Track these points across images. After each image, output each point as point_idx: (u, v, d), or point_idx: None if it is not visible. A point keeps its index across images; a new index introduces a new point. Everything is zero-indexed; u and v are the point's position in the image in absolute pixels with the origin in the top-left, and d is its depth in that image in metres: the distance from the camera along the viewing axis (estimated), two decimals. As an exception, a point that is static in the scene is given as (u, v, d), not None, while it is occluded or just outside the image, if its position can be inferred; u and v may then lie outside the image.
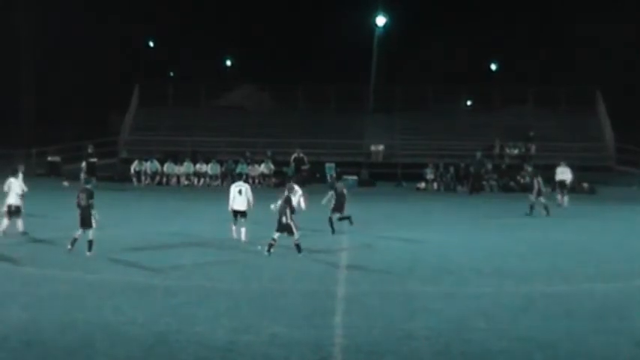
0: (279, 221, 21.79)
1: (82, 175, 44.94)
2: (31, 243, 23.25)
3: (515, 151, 52.68)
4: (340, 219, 27.17)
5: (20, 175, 25.55)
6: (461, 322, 14.76)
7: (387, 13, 63.35)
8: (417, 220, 32.06)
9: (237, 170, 48.20)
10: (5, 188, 24.94)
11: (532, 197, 33.02)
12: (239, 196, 24.39)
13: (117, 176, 49.29)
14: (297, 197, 25.24)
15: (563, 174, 38.99)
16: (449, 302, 16.45)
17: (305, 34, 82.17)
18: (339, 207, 27.07)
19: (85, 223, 21.24)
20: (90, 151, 45.74)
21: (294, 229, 21.70)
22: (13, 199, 24.59)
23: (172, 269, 19.67)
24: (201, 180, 48.82)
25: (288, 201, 21.89)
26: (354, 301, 16.37)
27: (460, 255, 22.66)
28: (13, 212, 24.56)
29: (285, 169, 47.93)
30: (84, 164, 44.82)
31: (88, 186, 21.76)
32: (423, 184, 47.81)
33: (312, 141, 52.33)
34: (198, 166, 49.18)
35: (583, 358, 12.98)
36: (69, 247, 21.34)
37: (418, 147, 53.91)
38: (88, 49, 72.41)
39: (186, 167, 49.13)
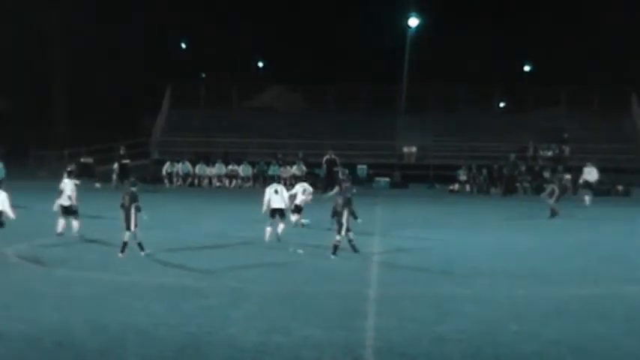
0: (339, 222, 21.88)
1: (114, 177, 45.32)
2: (62, 245, 23.36)
3: (549, 153, 52.31)
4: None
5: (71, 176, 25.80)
6: (493, 325, 14.65)
7: (420, 12, 63.19)
8: (450, 221, 31.90)
9: (269, 172, 48.35)
10: (61, 188, 25.27)
11: (550, 200, 32.66)
12: (275, 196, 24.48)
13: (149, 178, 49.53)
14: (306, 195, 25.39)
15: (589, 174, 38.96)
16: (481, 305, 16.33)
17: (337, 35, 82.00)
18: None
19: (127, 223, 21.30)
20: (122, 152, 46.03)
21: (342, 230, 21.83)
22: (64, 200, 24.81)
23: (204, 271, 19.68)
24: (233, 181, 48.94)
25: (347, 202, 21.99)
26: (385, 303, 16.30)
27: (492, 257, 22.54)
28: (69, 212, 24.76)
29: (317, 170, 47.94)
30: (116, 166, 45.13)
31: (134, 188, 21.83)
32: (455, 186, 47.64)
33: (344, 142, 52.31)
34: (230, 167, 49.30)
35: (616, 362, 12.86)
36: (142, 252, 21.35)
37: (451, 148, 53.74)
38: (119, 49, 72.79)
39: (218, 168, 49.27)
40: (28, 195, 36.53)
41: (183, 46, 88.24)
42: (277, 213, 24.44)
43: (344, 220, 21.86)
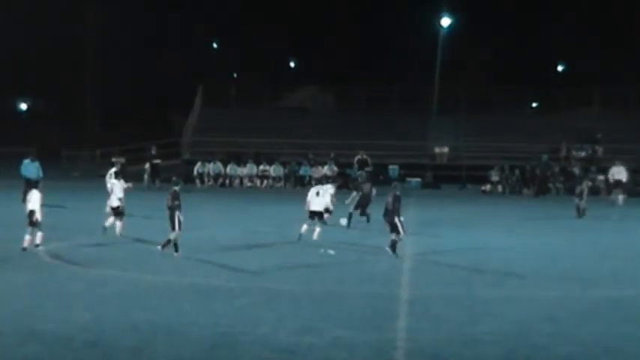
0: (391, 221, 21.97)
1: (146, 177, 45.48)
2: (94, 244, 23.45)
3: (582, 154, 51.87)
4: (361, 215, 28.47)
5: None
6: (526, 327, 14.52)
7: (452, 12, 62.92)
8: (482, 222, 31.73)
9: (301, 172, 48.29)
10: (109, 189, 25.58)
11: (576, 200, 32.44)
12: (316, 198, 24.78)
13: (180, 178, 49.53)
14: (328, 196, 25.50)
15: (619, 174, 38.92)
16: (513, 306, 16.21)
17: (368, 35, 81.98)
18: (362, 205, 28.60)
19: (171, 223, 21.42)
20: (153, 152, 46.15)
21: (400, 229, 21.93)
22: (114, 202, 25.17)
23: (235, 271, 19.69)
24: (265, 182, 48.94)
25: (397, 200, 22.12)
26: (417, 304, 16.21)
27: (525, 258, 22.38)
28: (117, 213, 25.03)
29: (348, 170, 47.85)
30: (147, 166, 45.24)
31: (176, 187, 21.91)
32: (487, 187, 47.38)
33: (375, 142, 52.16)
34: (261, 167, 49.30)
35: (652, 364, 12.71)
36: (175, 253, 21.38)
37: (483, 149, 53.43)
38: (151, 49, 73.21)
39: (249, 169, 49.28)
40: (61, 195, 36.80)
41: (215, 45, 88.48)
42: (315, 215, 24.65)
43: (396, 220, 21.90)
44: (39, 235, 21.90)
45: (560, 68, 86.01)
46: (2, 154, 58.30)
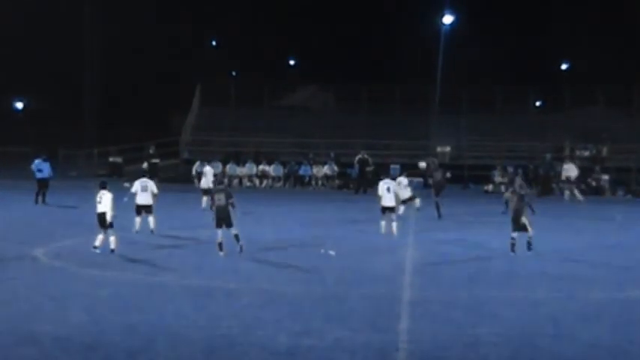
0: (516, 220, 22.34)
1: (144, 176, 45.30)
2: (91, 245, 23.24)
3: (586, 153, 51.68)
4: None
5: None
6: (530, 328, 14.37)
7: (454, 11, 62.74)
8: (484, 223, 31.56)
9: (301, 172, 48.18)
10: (140, 187, 25.88)
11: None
12: (387, 194, 25.76)
13: (179, 177, 49.39)
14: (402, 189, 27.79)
15: (570, 170, 41.33)
16: (517, 308, 16.05)
17: (369, 33, 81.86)
18: (436, 191, 30.93)
19: (226, 222, 21.51)
20: (151, 151, 46.00)
21: (529, 227, 22.42)
22: (145, 199, 25.84)
23: (234, 272, 19.56)
24: (264, 181, 48.78)
25: (522, 199, 22.68)
26: (419, 306, 16.05)
27: (529, 259, 22.19)
28: (148, 211, 25.70)
29: (349, 170, 47.69)
30: (145, 165, 45.08)
31: (222, 186, 22.13)
32: (490, 187, 47.19)
33: (376, 142, 52.03)
34: (260, 167, 49.14)
35: (658, 367, 12.53)
36: (220, 253, 21.48)
37: (486, 148, 53.28)
38: (149, 48, 73.07)
39: (249, 168, 49.12)
40: (58, 194, 36.70)
41: (214, 43, 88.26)
42: (388, 210, 25.74)
43: (524, 219, 22.27)
44: (112, 239, 21.67)
45: (564, 67, 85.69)
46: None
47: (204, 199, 25.03)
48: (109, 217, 21.44)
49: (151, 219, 25.44)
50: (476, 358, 12.67)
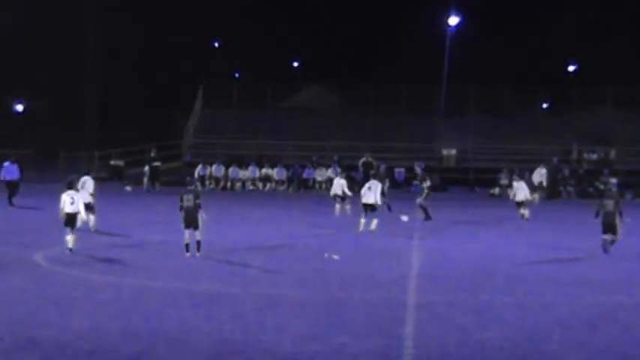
0: (608, 223, 22.68)
1: (145, 180, 45.18)
2: (92, 249, 23.15)
3: (594, 156, 51.44)
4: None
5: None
6: (536, 333, 14.17)
7: (461, 12, 62.52)
8: (491, 226, 31.39)
9: (304, 175, 47.99)
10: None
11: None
12: (368, 192, 26.76)
13: (181, 180, 49.14)
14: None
15: (540, 176, 42.53)
16: (524, 312, 15.85)
17: (375, 34, 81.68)
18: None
19: (192, 223, 21.38)
20: (153, 154, 45.83)
21: (618, 230, 22.85)
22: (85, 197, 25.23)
23: (237, 276, 19.43)
24: (267, 185, 48.60)
25: (618, 203, 23.00)
26: (424, 311, 15.88)
27: (535, 263, 22.03)
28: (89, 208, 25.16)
29: (353, 174, 47.48)
30: (147, 168, 44.95)
31: (192, 187, 22.10)
32: (496, 190, 46.95)
33: (381, 144, 51.82)
34: (264, 170, 48.96)
35: (668, 373, 12.33)
36: (187, 254, 21.40)
37: (492, 151, 53.08)
38: (151, 49, 72.94)
39: (252, 171, 48.94)
40: (58, 197, 36.52)
41: (217, 44, 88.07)
42: (368, 208, 26.76)
43: (617, 221, 22.56)
44: (70, 238, 21.88)
45: (571, 68, 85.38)
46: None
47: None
48: (80, 218, 21.84)
49: (90, 216, 25.30)
50: (482, 364, 12.48)
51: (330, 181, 47.95)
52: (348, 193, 32.68)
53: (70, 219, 21.96)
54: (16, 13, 63.46)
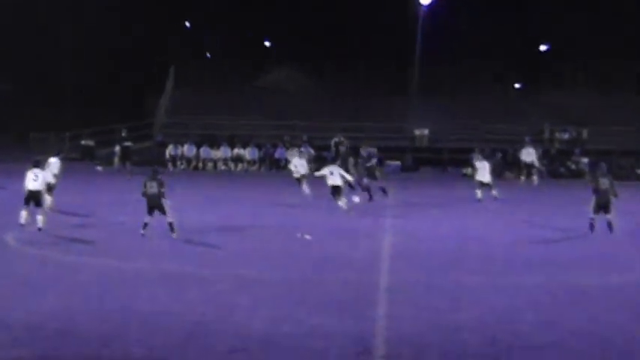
0: (603, 202, 22.80)
1: (116, 160, 44.89)
2: (64, 230, 22.98)
3: (566, 136, 51.64)
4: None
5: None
6: (509, 314, 14.24)
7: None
8: (464, 207, 31.40)
9: (276, 155, 47.88)
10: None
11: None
12: (332, 176, 27.00)
13: (152, 161, 48.77)
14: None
15: (529, 155, 41.15)
16: (497, 293, 15.90)
17: (347, 14, 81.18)
18: None
19: (157, 208, 21.45)
20: (124, 134, 45.51)
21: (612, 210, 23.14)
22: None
23: (209, 257, 19.40)
24: (239, 165, 48.45)
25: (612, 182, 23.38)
26: (397, 292, 15.89)
27: (508, 243, 22.08)
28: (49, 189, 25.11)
29: (325, 153, 47.37)
30: (118, 148, 44.63)
31: (157, 175, 21.93)
32: (469, 170, 47.00)
33: (353, 124, 51.65)
34: (235, 150, 48.79)
35: (639, 352, 12.38)
36: (142, 231, 21.36)
37: (464, 131, 53.07)
38: (122, 29, 72.16)
39: (224, 152, 48.75)
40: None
41: (188, 24, 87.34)
42: (335, 190, 27.14)
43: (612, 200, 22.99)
44: (40, 218, 22.06)
45: (543, 48, 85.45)
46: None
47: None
48: (44, 196, 21.90)
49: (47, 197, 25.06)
50: (454, 344, 12.52)
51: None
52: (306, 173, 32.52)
53: (32, 196, 21.95)
54: None
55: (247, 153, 48.60)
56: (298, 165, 32.63)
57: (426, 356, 11.94)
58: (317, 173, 29.04)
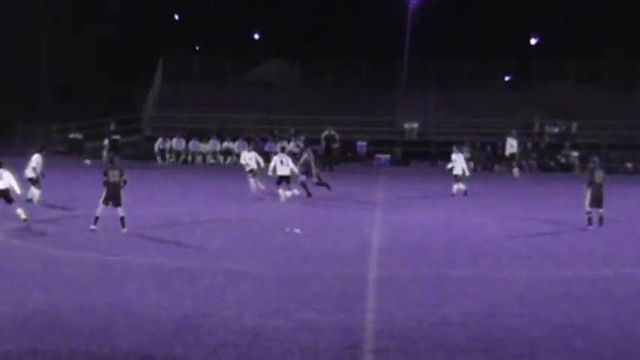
0: (597, 196, 22.76)
1: (105, 153, 44.83)
2: (51, 223, 22.91)
3: (555, 130, 51.71)
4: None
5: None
6: (497, 308, 14.21)
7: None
8: (453, 200, 31.44)
9: (266, 148, 47.87)
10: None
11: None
12: (281, 165, 27.86)
13: (141, 154, 48.74)
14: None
15: (511, 148, 42.02)
16: (485, 287, 15.90)
17: (336, 7, 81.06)
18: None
19: (114, 199, 21.20)
20: (112, 128, 45.49)
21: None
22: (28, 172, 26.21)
23: (197, 251, 19.31)
24: (228, 158, 48.36)
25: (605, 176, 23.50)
26: (386, 285, 15.87)
27: (497, 237, 22.11)
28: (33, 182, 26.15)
29: (314, 147, 47.28)
30: (106, 142, 44.60)
31: (118, 164, 21.81)
32: (449, 165, 47.00)
33: (343, 118, 51.67)
34: (225, 143, 48.70)
35: (627, 346, 12.33)
36: (92, 226, 21.15)
37: (454, 125, 53.09)
38: (110, 21, 71.88)
39: (212, 145, 48.68)
40: (16, 172, 36.08)
41: (177, 17, 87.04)
42: (284, 180, 28.32)
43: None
44: (20, 211, 22.01)
45: (533, 41, 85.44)
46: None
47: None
48: (14, 193, 21.96)
49: (35, 191, 26.01)
50: (443, 338, 12.48)
51: (293, 156, 47.81)
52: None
53: (1, 194, 22.00)
54: None
55: (236, 146, 48.53)
56: (247, 159, 32.02)
57: (414, 350, 11.90)
58: (270, 165, 29.18)
